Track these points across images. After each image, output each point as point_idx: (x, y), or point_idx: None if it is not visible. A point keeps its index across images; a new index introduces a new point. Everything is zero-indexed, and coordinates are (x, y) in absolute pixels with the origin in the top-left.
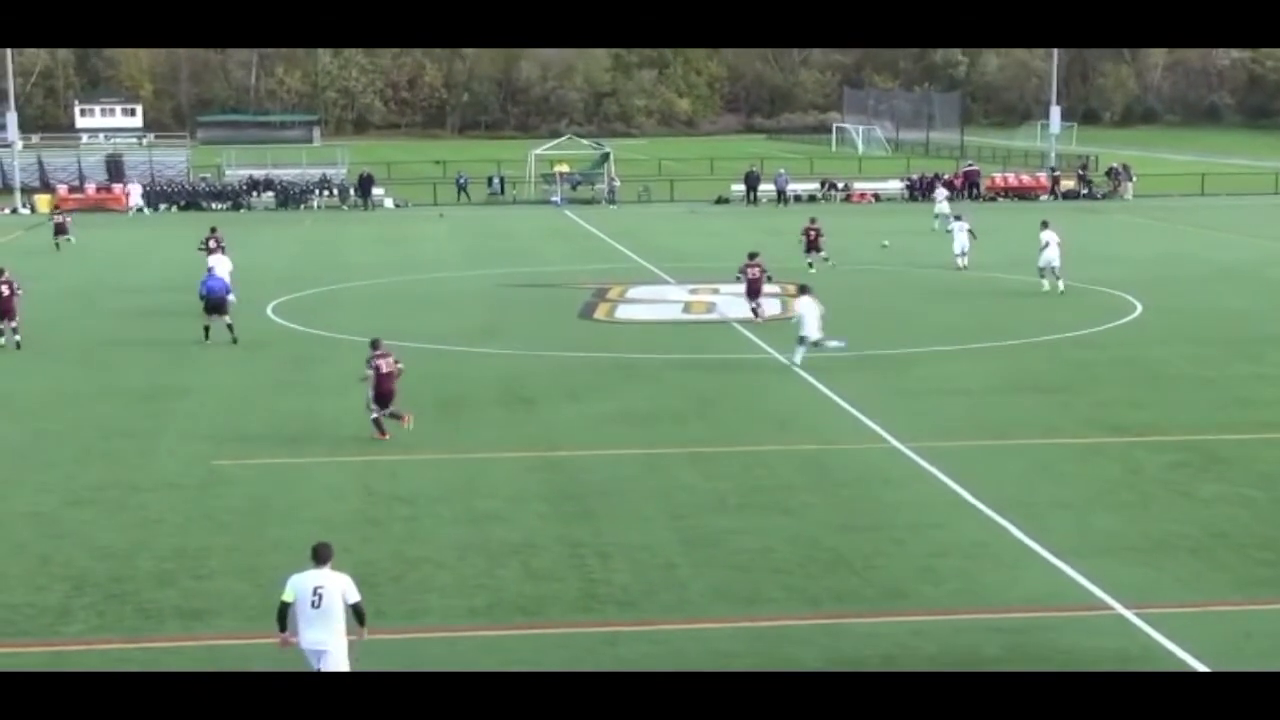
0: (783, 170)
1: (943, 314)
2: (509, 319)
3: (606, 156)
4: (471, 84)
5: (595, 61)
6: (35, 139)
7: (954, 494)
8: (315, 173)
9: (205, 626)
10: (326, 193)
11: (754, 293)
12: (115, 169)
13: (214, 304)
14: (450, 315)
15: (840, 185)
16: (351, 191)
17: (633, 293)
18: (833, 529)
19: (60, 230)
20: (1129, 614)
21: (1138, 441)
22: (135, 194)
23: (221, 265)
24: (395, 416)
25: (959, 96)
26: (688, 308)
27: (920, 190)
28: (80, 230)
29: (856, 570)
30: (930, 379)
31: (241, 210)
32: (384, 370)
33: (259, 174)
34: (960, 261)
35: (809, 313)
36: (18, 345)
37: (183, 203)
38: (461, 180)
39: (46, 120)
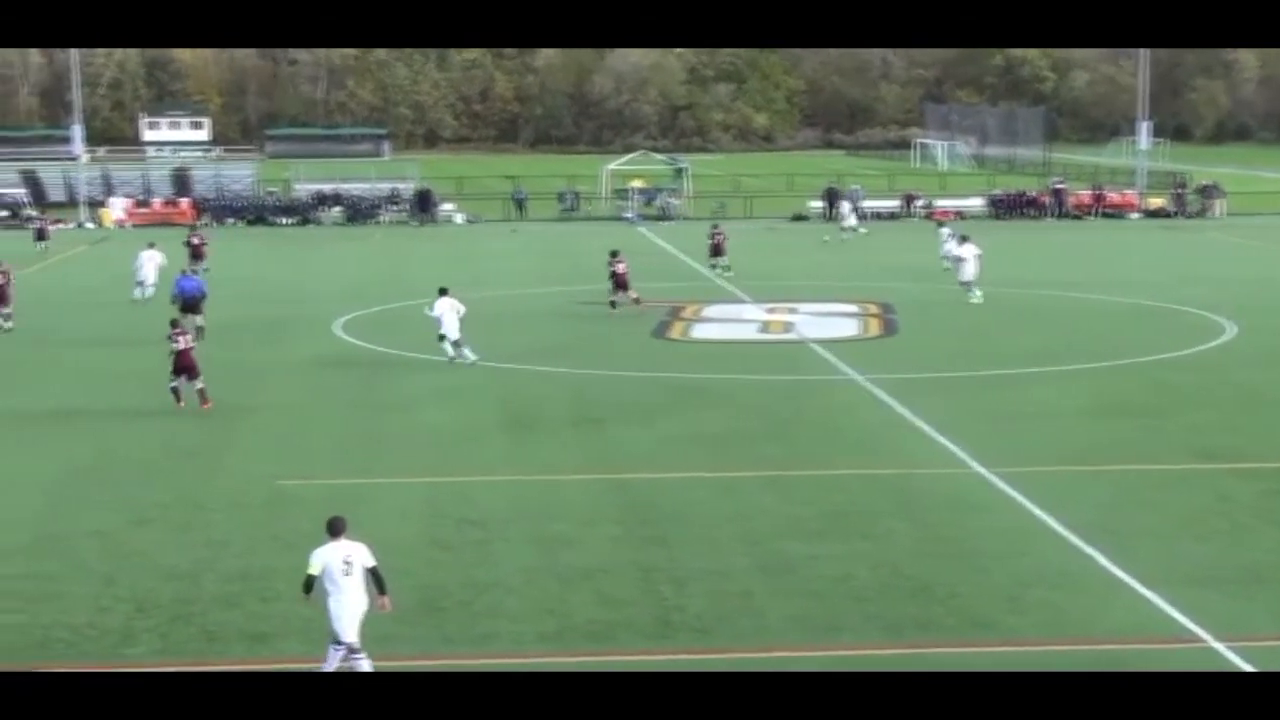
0: (857, 186)
1: (1027, 335)
2: (581, 337)
3: (682, 172)
4: (543, 97)
5: (670, 75)
6: (101, 152)
7: (1039, 521)
8: (384, 187)
9: (270, 650)
10: (395, 208)
11: (623, 286)
12: (182, 183)
13: (188, 303)
14: (521, 333)
15: (921, 202)
16: (411, 207)
17: (708, 311)
18: (915, 556)
19: (197, 255)
20: (1220, 646)
21: (1230, 468)
22: (117, 208)
23: (151, 262)
24: (202, 398)
25: (1044, 112)
26: (765, 327)
27: (1006, 208)
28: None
29: (939, 599)
30: (1015, 402)
31: (309, 225)
32: (181, 346)
33: (327, 188)
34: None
35: (448, 314)
36: (8, 330)
37: (250, 218)
38: (519, 195)
39: (113, 133)
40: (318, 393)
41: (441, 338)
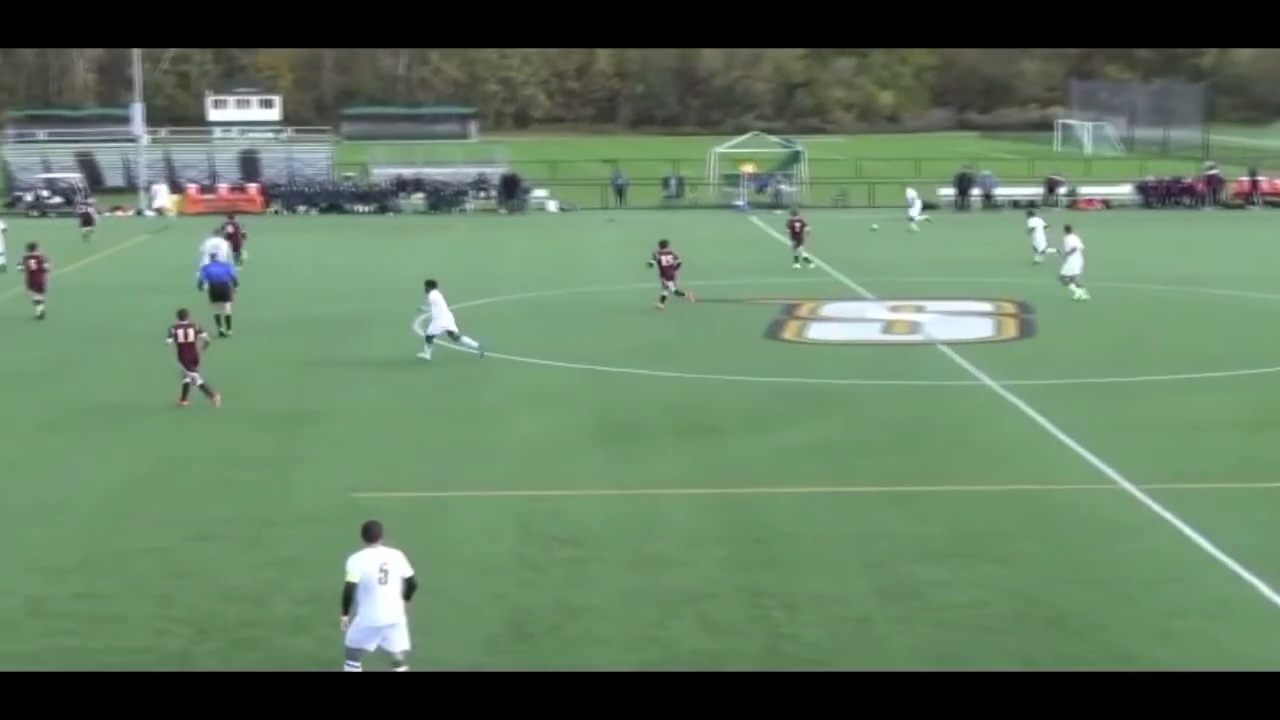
0: (988, 172)
1: (1180, 337)
2: (685, 338)
3: (798, 156)
4: (646, 74)
5: (785, 49)
6: (163, 133)
7: (1193, 544)
8: (470, 172)
9: None
10: (482, 194)
11: (669, 277)
12: (250, 167)
13: (216, 290)
14: (619, 333)
15: (1065, 189)
16: (496, 193)
17: (826, 310)
18: (1053, 582)
19: (234, 244)
20: None
21: None
22: (161, 194)
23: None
24: (207, 391)
25: (1203, 89)
26: (888, 327)
27: (1159, 196)
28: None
29: (1079, 630)
30: (1166, 411)
31: (388, 213)
32: (182, 339)
33: (408, 173)
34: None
35: (440, 306)
36: (41, 316)
37: (324, 205)
38: (619, 181)
39: (176, 112)
40: (396, 397)
41: (429, 339)
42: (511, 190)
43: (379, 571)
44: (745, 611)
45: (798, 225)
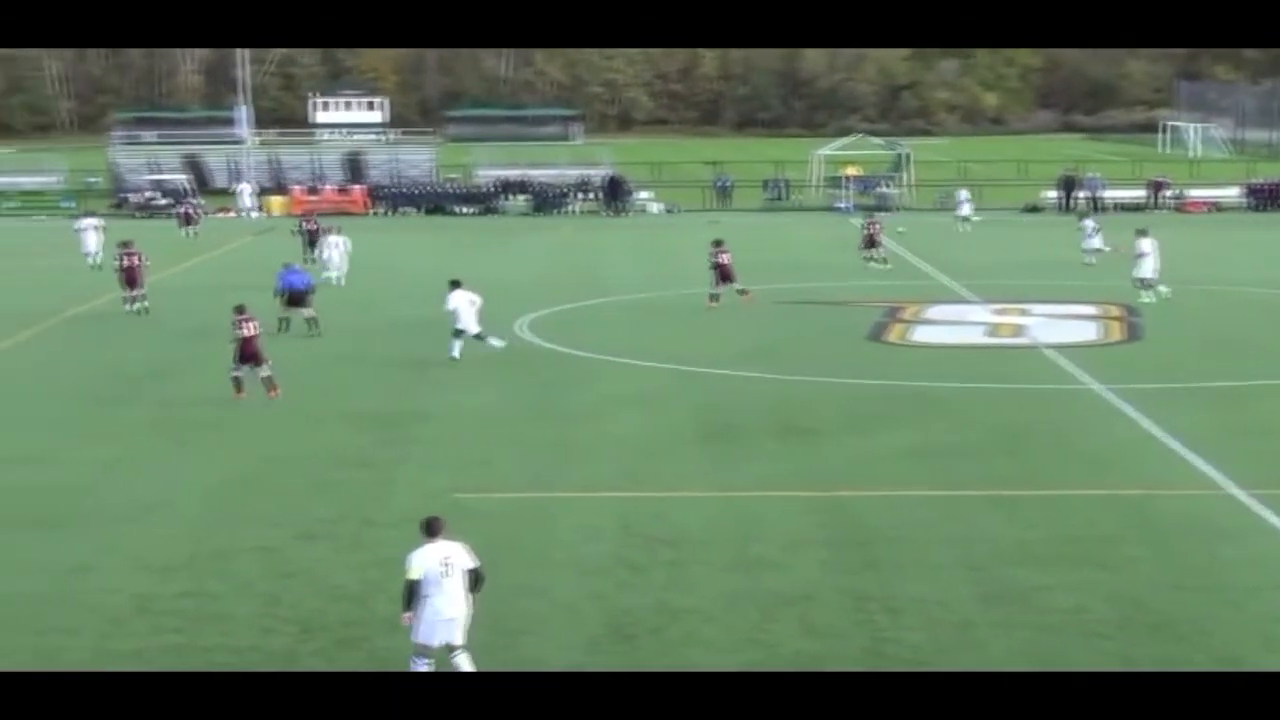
0: (1095, 174)
1: None
2: (787, 340)
3: (902, 157)
4: (750, 76)
5: (890, 50)
6: (270, 135)
7: None
8: (573, 174)
9: None
10: (586, 196)
11: (728, 278)
12: (355, 169)
13: (294, 297)
14: (721, 335)
15: (1170, 191)
16: (600, 195)
17: (930, 312)
18: (1158, 587)
19: (313, 242)
20: None
21: None
22: (246, 194)
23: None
24: (268, 385)
25: None
26: (992, 330)
27: (1268, 198)
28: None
29: (1184, 635)
30: (1276, 416)
31: (492, 215)
32: (246, 334)
33: (512, 175)
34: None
35: (463, 307)
36: (146, 310)
37: (428, 206)
38: (723, 183)
39: (282, 114)
40: (499, 398)
41: (457, 333)
42: (616, 192)
43: (441, 565)
44: (847, 614)
45: (874, 229)
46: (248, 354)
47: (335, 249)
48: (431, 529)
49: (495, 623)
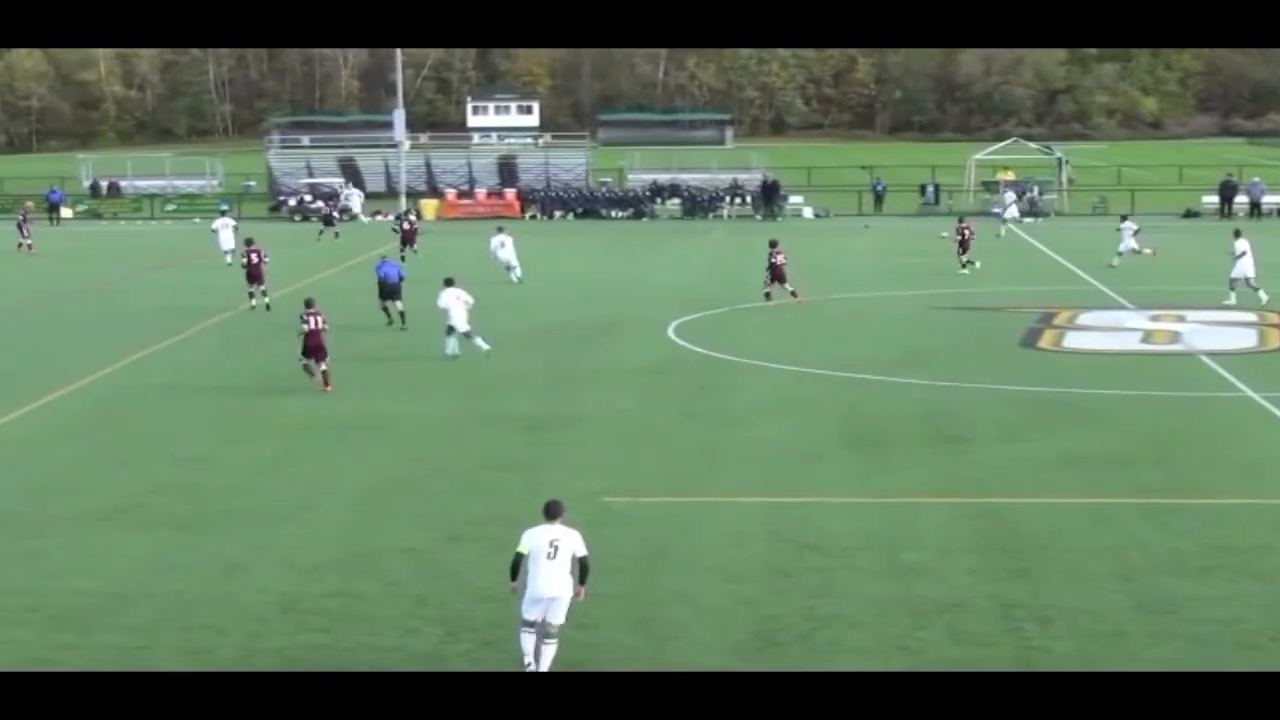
0: (1258, 179)
1: None
2: (939, 346)
3: (1059, 162)
4: (905, 79)
5: (1047, 54)
6: (423, 138)
7: None
8: (725, 178)
9: None
10: (738, 200)
11: (780, 278)
12: (508, 172)
13: (387, 289)
14: (872, 341)
15: None
16: (755, 199)
17: (1084, 318)
18: None
19: (408, 240)
20: None
21: None
22: (356, 201)
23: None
24: (325, 379)
25: None
26: (1148, 337)
27: None
28: (464, 239)
29: None
30: None
31: (644, 219)
32: (310, 328)
33: (664, 179)
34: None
35: (454, 305)
36: (267, 307)
37: (580, 210)
38: (878, 187)
39: (436, 118)
40: (648, 402)
41: (449, 330)
42: (771, 196)
43: (549, 546)
44: (996, 623)
45: (966, 232)
46: (311, 347)
47: (503, 248)
48: (550, 511)
49: (643, 628)
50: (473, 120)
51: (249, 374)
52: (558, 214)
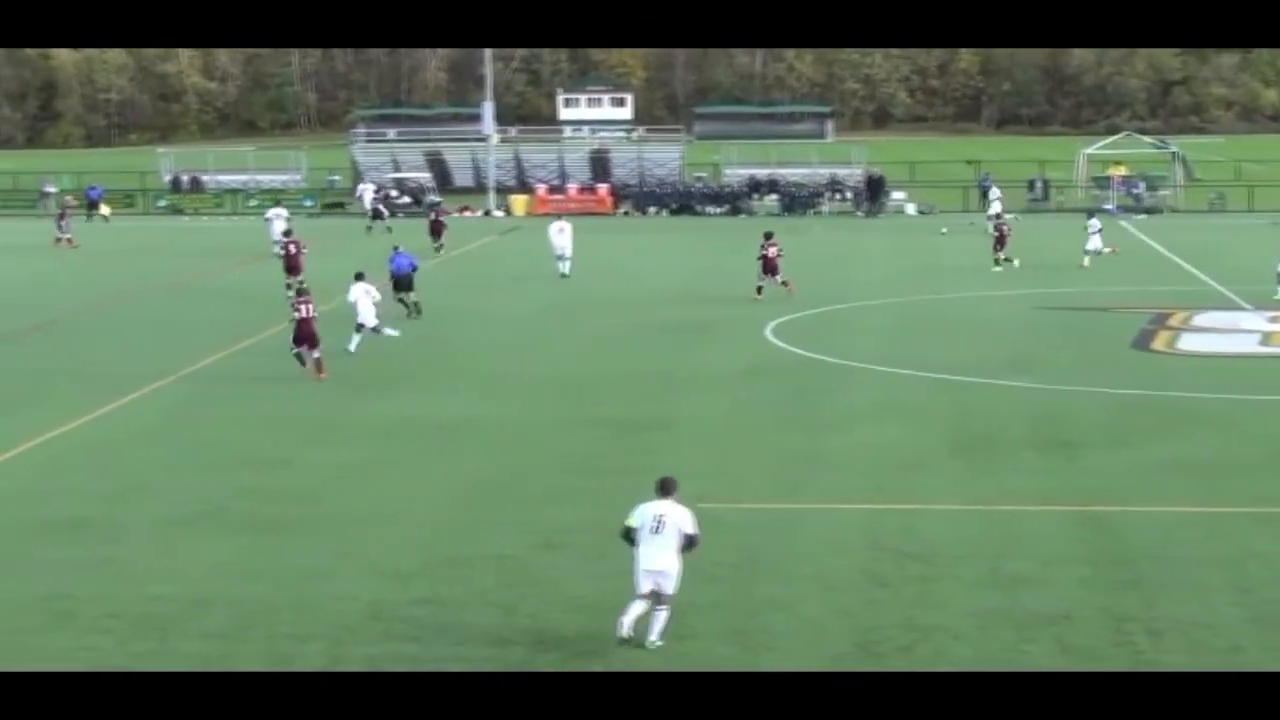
0: None
1: None
2: (1047, 347)
3: (1175, 157)
4: (1013, 71)
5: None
6: (513, 131)
7: None
8: (825, 173)
9: None
10: (838, 196)
11: (772, 270)
12: (600, 167)
13: (400, 281)
14: (977, 342)
15: None
16: (856, 195)
17: (1199, 319)
18: None
19: (436, 232)
20: None
21: None
22: (368, 196)
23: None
24: (319, 367)
25: None
26: (1267, 339)
27: None
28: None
29: None
30: None
31: (740, 215)
32: (302, 315)
33: (762, 174)
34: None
35: (362, 300)
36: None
37: (674, 206)
38: (986, 183)
39: (526, 111)
40: (745, 405)
41: (359, 327)
42: (875, 192)
43: (653, 520)
44: (1106, 635)
45: (1005, 228)
46: (302, 335)
47: (560, 234)
48: (664, 487)
49: (740, 637)
50: (564, 113)
51: (334, 375)
52: (651, 210)
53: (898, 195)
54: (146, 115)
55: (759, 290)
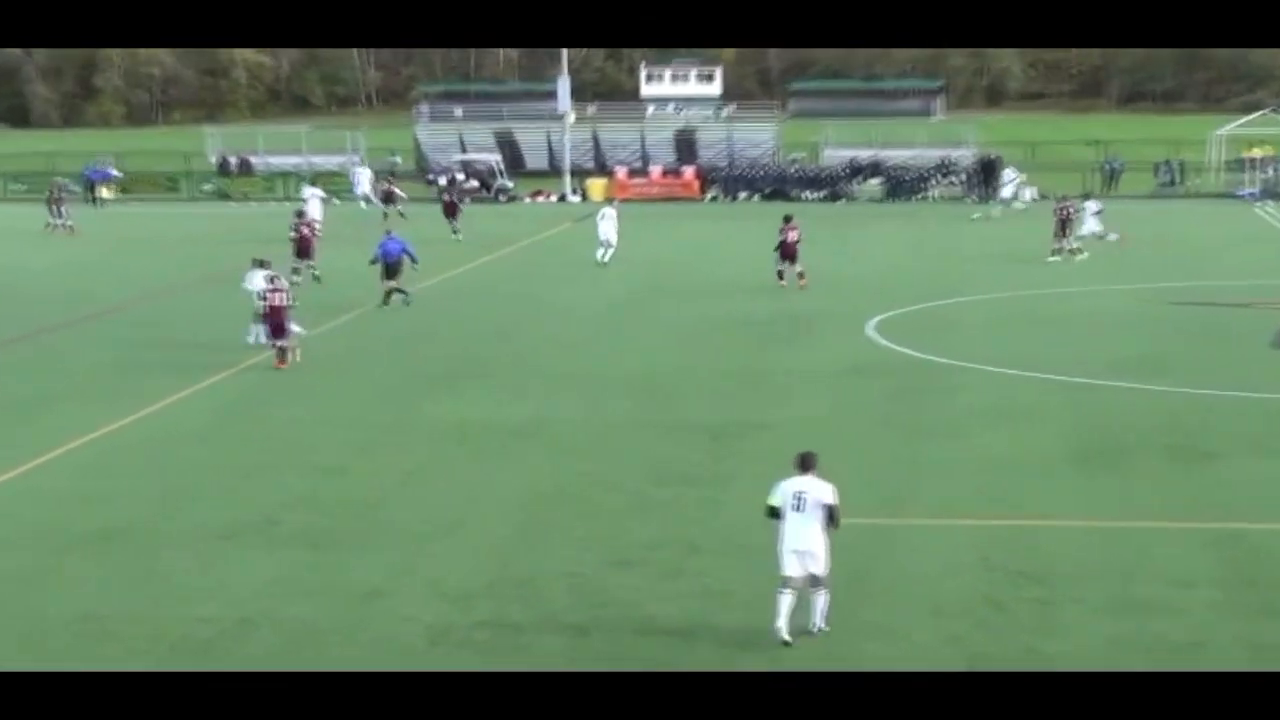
0: None
1: None
2: (1179, 347)
3: None
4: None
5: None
6: (591, 109)
7: None
8: (933, 155)
9: None
10: (948, 180)
11: (790, 257)
12: (686, 148)
13: (388, 267)
14: (1100, 339)
15: None
16: (968, 179)
17: None
18: None
19: (450, 212)
20: None
21: None
22: (364, 180)
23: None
24: (281, 352)
25: None
26: None
27: None
28: (631, 224)
29: None
30: None
31: (840, 201)
32: (276, 303)
33: (864, 155)
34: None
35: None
36: (316, 279)
37: (767, 190)
38: (1112, 166)
39: (606, 87)
40: (844, 408)
41: (257, 316)
42: (989, 175)
43: (794, 498)
44: (1243, 666)
45: (1065, 213)
46: (272, 326)
47: (604, 219)
48: (803, 463)
49: (845, 665)
50: (647, 89)
51: (389, 374)
52: (742, 195)
53: (1012, 177)
54: (192, 91)
55: (780, 275)
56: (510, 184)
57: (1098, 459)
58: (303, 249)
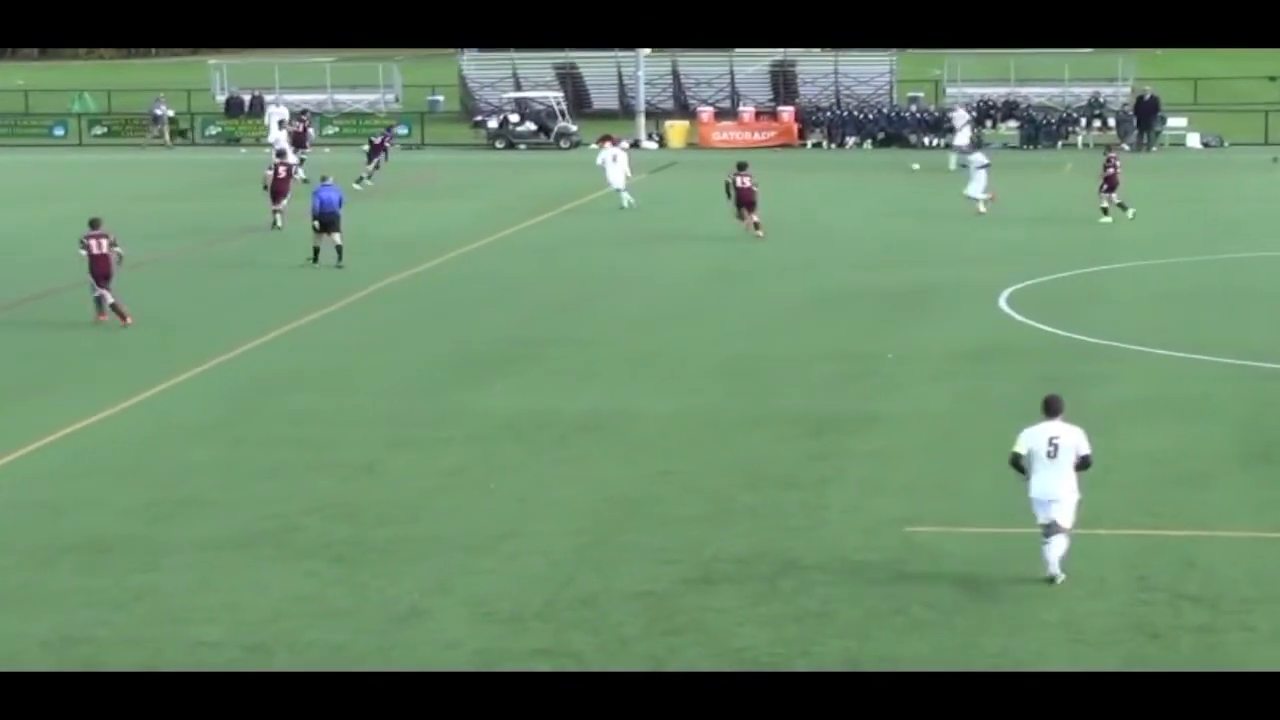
0: None
1: None
2: None
3: None
4: None
5: None
6: None
7: None
8: (1081, 93)
9: None
10: (1097, 123)
11: (748, 205)
12: (784, 85)
13: (325, 219)
14: None
15: None
16: (1121, 122)
17: None
18: None
19: (298, 141)
20: None
21: None
22: (274, 125)
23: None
24: (118, 313)
25: None
26: None
27: None
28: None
29: None
30: None
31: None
32: (95, 251)
33: (996, 94)
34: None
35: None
36: (277, 226)
37: (880, 136)
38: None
39: None
40: (971, 397)
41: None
42: (1147, 118)
43: (1048, 445)
44: None
45: (1114, 167)
46: (98, 275)
47: (614, 162)
48: (1050, 407)
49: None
50: None
51: (435, 354)
52: (850, 141)
53: (1177, 122)
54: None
55: (740, 218)
56: (574, 127)
57: (1272, 459)
58: (279, 190)
